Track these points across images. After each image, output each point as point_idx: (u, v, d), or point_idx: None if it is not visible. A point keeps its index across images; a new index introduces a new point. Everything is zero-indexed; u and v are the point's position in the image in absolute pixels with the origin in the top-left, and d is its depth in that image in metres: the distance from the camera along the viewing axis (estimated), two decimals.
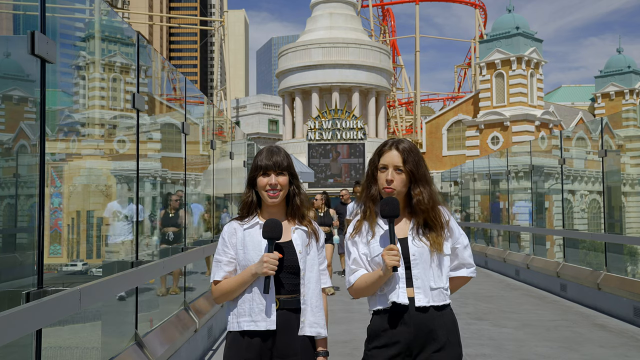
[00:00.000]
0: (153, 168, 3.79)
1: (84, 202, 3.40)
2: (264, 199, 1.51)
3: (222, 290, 1.49)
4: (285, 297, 1.46)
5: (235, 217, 1.58)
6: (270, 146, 1.58)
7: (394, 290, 1.41)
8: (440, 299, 1.42)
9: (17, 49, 2.19)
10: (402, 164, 1.44)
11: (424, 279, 1.42)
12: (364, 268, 1.47)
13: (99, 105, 3.28)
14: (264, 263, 1.41)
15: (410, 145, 1.49)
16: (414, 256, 1.43)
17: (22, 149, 2.25)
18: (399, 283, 1.41)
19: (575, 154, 8.76)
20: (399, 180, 1.45)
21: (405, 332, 1.41)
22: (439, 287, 1.43)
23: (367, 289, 1.45)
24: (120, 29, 3.34)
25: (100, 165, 3.37)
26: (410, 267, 1.42)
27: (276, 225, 1.44)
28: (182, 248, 3.76)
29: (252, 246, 1.48)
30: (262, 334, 1.45)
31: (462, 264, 1.52)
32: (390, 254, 1.37)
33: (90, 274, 3.27)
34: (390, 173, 1.45)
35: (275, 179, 1.49)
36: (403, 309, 1.41)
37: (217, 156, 5.09)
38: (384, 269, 1.38)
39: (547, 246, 8.14)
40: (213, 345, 4.11)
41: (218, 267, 1.51)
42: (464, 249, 1.52)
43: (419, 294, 1.41)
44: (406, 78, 39.82)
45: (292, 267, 1.47)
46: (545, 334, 4.48)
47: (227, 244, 1.52)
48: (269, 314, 1.44)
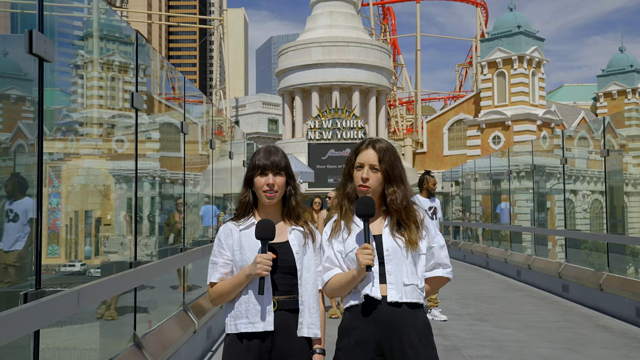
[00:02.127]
0: (152, 168, 3.77)
1: (82, 202, 3.38)
2: (261, 199, 1.51)
3: (218, 292, 1.49)
4: (283, 297, 1.46)
5: (231, 218, 1.57)
6: (268, 146, 1.57)
7: (367, 285, 1.42)
8: (413, 296, 1.42)
9: (14, 47, 2.16)
10: (377, 163, 1.46)
11: (397, 275, 1.42)
12: (338, 267, 1.48)
13: (97, 104, 3.26)
14: (257, 264, 1.40)
15: (387, 145, 1.50)
16: (388, 251, 1.43)
17: (20, 149, 2.23)
18: (372, 279, 1.42)
19: (577, 154, 8.73)
20: (374, 179, 1.47)
21: (374, 330, 1.40)
22: (412, 283, 1.43)
23: (341, 288, 1.46)
24: (119, 27, 3.32)
25: (99, 165, 3.35)
26: (384, 263, 1.43)
27: (269, 225, 1.43)
28: (180, 248, 3.74)
29: (249, 247, 1.47)
30: (260, 335, 1.44)
31: (438, 263, 1.51)
32: (364, 252, 1.37)
33: (88, 274, 3.25)
34: (366, 171, 1.46)
35: (272, 179, 1.48)
36: (375, 305, 1.40)
37: (216, 156, 5.06)
38: (358, 268, 1.39)
39: (549, 246, 8.11)
40: (212, 346, 4.09)
41: (214, 269, 1.50)
42: (440, 249, 1.52)
43: (391, 290, 1.41)
44: (407, 77, 39.80)
45: (289, 268, 1.47)
46: (547, 335, 4.45)
47: (224, 245, 1.51)
48: (267, 315, 1.43)
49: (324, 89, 27.62)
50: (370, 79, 27.78)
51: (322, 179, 21.81)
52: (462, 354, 3.81)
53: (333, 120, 23.61)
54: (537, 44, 26.84)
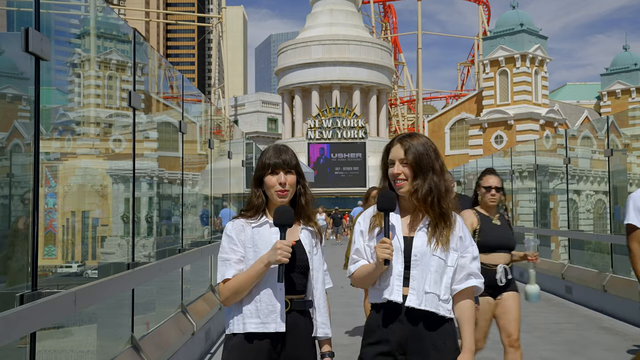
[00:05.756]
0: (150, 168, 3.73)
1: (79, 203, 3.34)
2: (273, 198, 1.47)
3: (233, 287, 1.42)
4: (296, 297, 1.44)
5: (239, 215, 1.52)
6: (277, 144, 1.55)
7: (388, 287, 1.42)
8: (432, 306, 1.40)
9: (10, 46, 2.12)
10: (404, 156, 1.45)
11: (420, 281, 1.41)
12: (364, 259, 1.48)
13: (94, 103, 3.22)
14: (278, 250, 1.36)
15: (415, 138, 1.47)
16: (415, 257, 1.42)
17: (16, 148, 2.21)
18: (395, 281, 1.41)
19: (580, 153, 8.67)
20: (406, 173, 1.45)
21: (398, 330, 1.41)
22: (433, 292, 1.41)
23: (364, 279, 1.47)
24: (116, 25, 3.27)
25: (96, 164, 3.31)
26: (410, 267, 1.42)
27: (287, 211, 1.41)
28: (179, 250, 3.70)
29: (264, 245, 1.43)
30: (272, 336, 1.40)
31: (470, 274, 1.47)
32: (382, 246, 1.37)
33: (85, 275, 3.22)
34: (397, 167, 1.45)
35: (284, 177, 1.45)
36: (397, 307, 1.41)
37: (215, 156, 5.02)
38: (376, 261, 1.39)
39: (552, 247, 8.06)
40: (211, 348, 4.06)
41: (227, 266, 1.44)
42: (473, 260, 1.48)
43: (412, 295, 1.41)
44: (408, 76, 39.72)
45: (302, 267, 1.45)
46: (551, 337, 4.41)
47: (236, 242, 1.45)
48: (279, 315, 1.40)
49: (324, 88, 27.56)
50: (371, 78, 27.70)
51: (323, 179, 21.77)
52: None
53: (333, 119, 23.56)
54: (540, 42, 26.72)
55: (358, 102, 26.92)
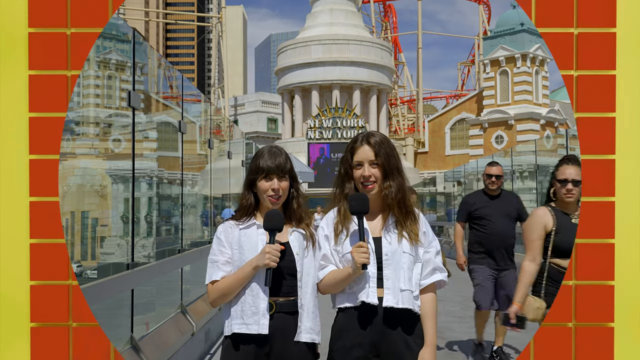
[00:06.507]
0: (149, 168, 3.72)
1: (79, 203, 3.33)
2: (265, 202, 1.48)
3: (220, 289, 1.44)
4: (282, 299, 1.42)
5: (230, 218, 1.53)
6: (271, 147, 1.53)
7: (363, 290, 1.40)
8: (409, 303, 1.40)
9: None
10: (374, 158, 1.43)
11: (394, 280, 1.40)
12: (333, 264, 1.46)
13: (93, 103, 3.22)
14: (266, 254, 1.37)
15: (381, 138, 1.46)
16: (387, 256, 1.41)
17: None
18: (369, 283, 1.40)
19: None
20: (376, 175, 1.43)
21: (372, 332, 1.39)
22: (408, 289, 1.41)
23: (335, 285, 1.43)
24: (116, 25, 3.26)
25: (95, 164, 3.30)
26: (382, 268, 1.41)
27: (276, 214, 1.41)
28: (178, 250, 3.70)
29: (249, 247, 1.44)
30: (256, 338, 1.40)
31: (435, 268, 1.48)
32: (359, 251, 1.35)
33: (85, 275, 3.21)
34: (367, 168, 1.43)
35: (277, 183, 1.45)
36: (372, 309, 1.39)
37: (214, 156, 5.02)
38: (354, 266, 1.37)
39: None
40: (210, 349, 4.05)
41: (215, 267, 1.46)
42: (437, 255, 1.49)
43: (388, 295, 1.39)
44: (408, 76, 39.71)
45: (290, 269, 1.44)
46: None
47: (224, 244, 1.47)
48: (262, 317, 1.39)
49: (324, 88, 27.55)
50: (371, 78, 27.69)
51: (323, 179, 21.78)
52: (464, 357, 3.76)
53: (333, 119, 23.54)
54: (541, 42, 26.68)
55: (358, 102, 26.92)
